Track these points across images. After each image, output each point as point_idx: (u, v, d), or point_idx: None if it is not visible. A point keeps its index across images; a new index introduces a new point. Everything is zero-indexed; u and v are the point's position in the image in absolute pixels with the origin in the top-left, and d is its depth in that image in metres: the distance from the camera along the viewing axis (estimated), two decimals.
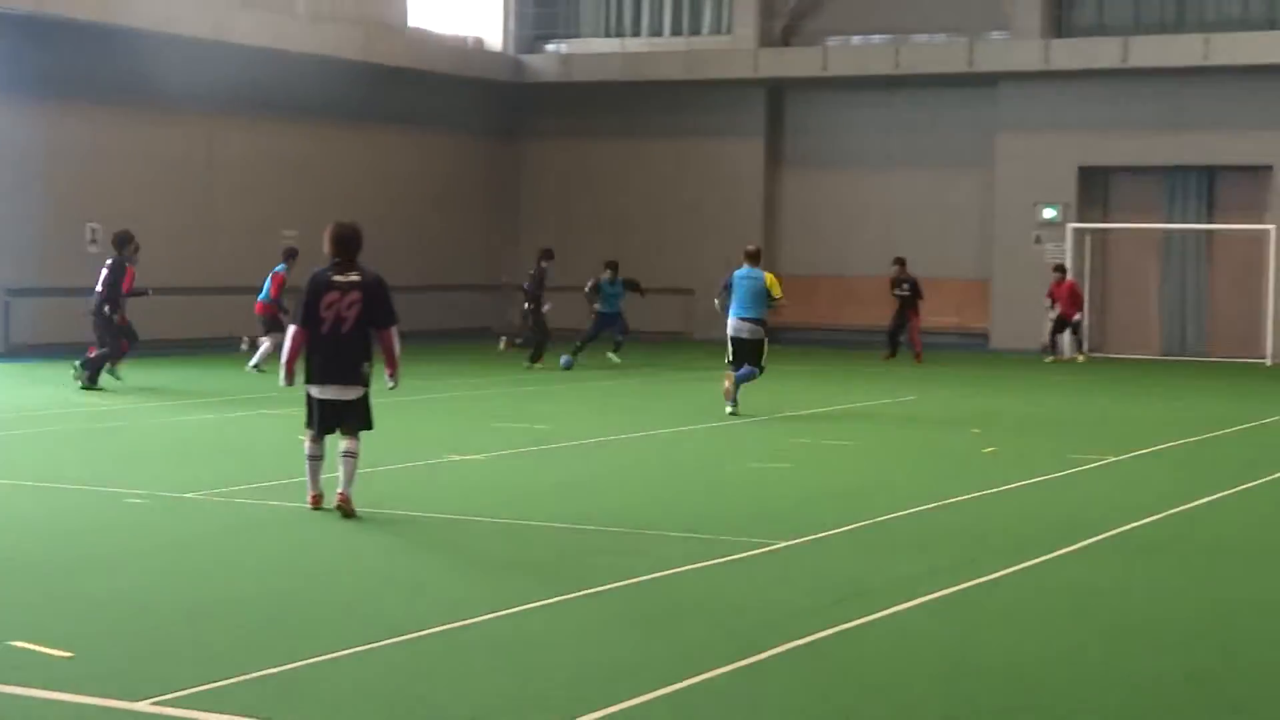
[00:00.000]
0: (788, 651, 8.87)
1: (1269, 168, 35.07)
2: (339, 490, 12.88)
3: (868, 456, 17.83)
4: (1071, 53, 35.50)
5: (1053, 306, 33.49)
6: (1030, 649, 9.09)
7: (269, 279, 27.51)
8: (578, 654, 8.83)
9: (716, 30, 39.86)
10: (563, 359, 29.04)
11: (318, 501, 13.10)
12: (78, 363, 23.95)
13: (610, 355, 30.58)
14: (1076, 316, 33.31)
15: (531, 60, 40.34)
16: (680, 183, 39.77)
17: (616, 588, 10.47)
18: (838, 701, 8.06)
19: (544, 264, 29.74)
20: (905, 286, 33.03)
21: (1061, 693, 8.22)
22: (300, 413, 13.34)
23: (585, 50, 40.27)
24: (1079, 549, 12.05)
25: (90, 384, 23.64)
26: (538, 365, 28.89)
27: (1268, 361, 33.18)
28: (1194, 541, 12.74)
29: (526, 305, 29.75)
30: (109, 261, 24.09)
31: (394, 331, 13.10)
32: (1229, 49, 34.31)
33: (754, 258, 22.59)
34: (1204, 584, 11.08)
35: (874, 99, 38.40)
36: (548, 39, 41.20)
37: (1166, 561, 11.87)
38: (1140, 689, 8.32)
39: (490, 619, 9.52)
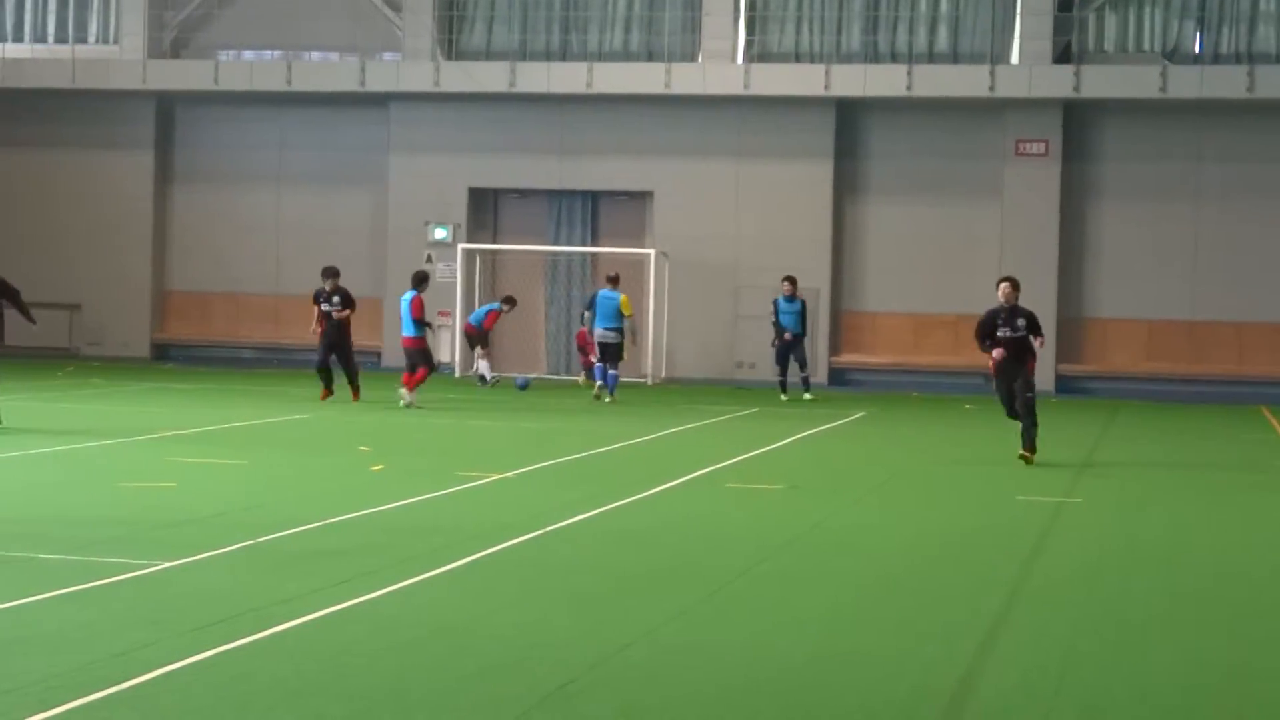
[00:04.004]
0: (160, 677, 8.67)
1: (649, 193, 36.55)
2: None
3: (257, 475, 17.63)
4: (461, 76, 36.14)
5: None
6: (417, 666, 9.17)
7: (406, 307, 26.91)
8: None
9: (103, 40, 38.86)
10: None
11: None
12: None
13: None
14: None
15: None
16: (67, 195, 38.54)
17: None
18: None
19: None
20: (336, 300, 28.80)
21: (448, 711, 8.33)
22: None
23: None
24: (462, 565, 12.23)
25: None
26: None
27: (648, 381, 34.46)
28: (563, 560, 13.12)
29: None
30: None
31: None
32: (611, 78, 35.60)
33: (614, 281, 30.16)
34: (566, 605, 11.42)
35: (266, 115, 38.14)
36: None
37: (539, 579, 12.17)
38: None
39: None
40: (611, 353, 29.54)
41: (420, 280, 27.70)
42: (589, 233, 37.24)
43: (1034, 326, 20.73)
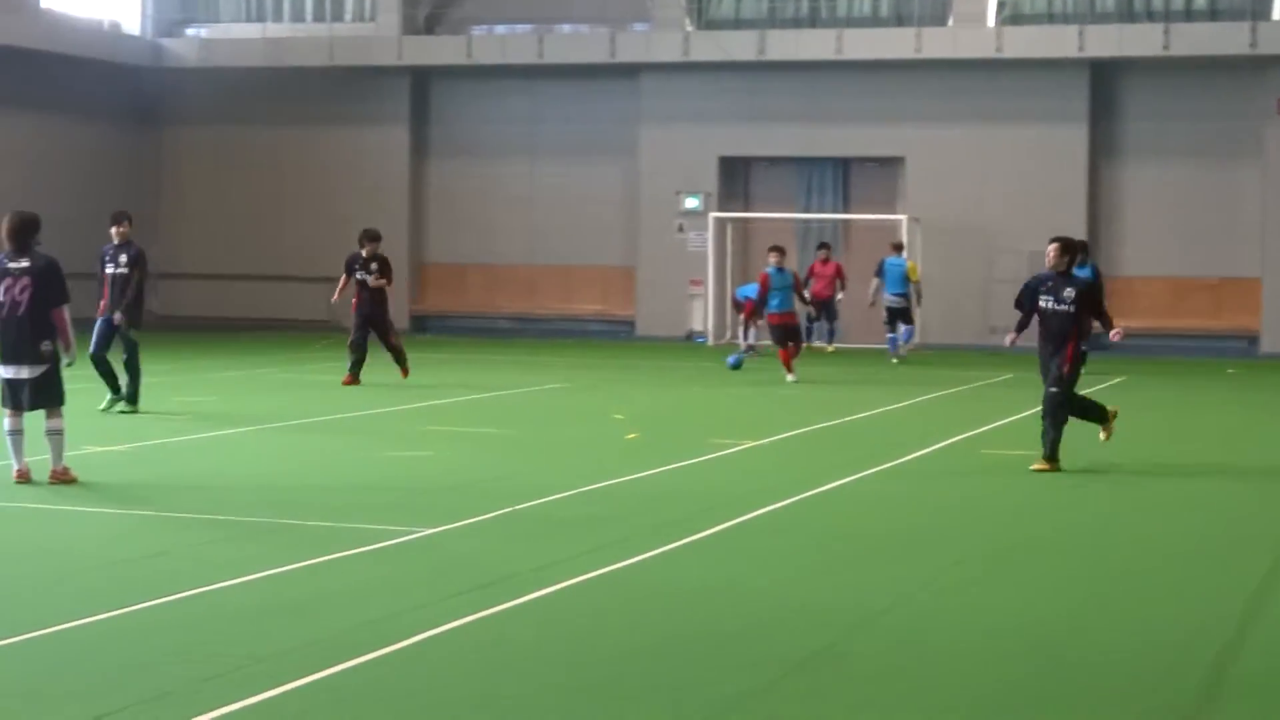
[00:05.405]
0: (429, 639, 8.88)
1: (900, 159, 36.27)
2: (52, 467, 13.98)
3: (513, 443, 17.88)
4: (710, 45, 36.18)
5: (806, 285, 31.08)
6: (675, 629, 9.26)
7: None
8: (211, 648, 8.68)
9: (359, 17, 39.63)
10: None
11: (23, 476, 13.90)
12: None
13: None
14: (840, 296, 32.55)
15: (171, 45, 39.54)
16: (326, 170, 39.40)
17: (256, 579, 10.34)
18: (477, 685, 8.10)
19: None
20: (374, 266, 25.01)
21: (709, 671, 8.41)
22: None
23: (226, 35, 39.65)
24: (717, 532, 12.31)
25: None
26: None
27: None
28: (817, 526, 13.13)
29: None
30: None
31: (64, 311, 13.91)
32: (861, 44, 35.38)
33: (899, 249, 31.82)
34: (828, 570, 11.43)
35: (518, 88, 38.58)
36: (187, 23, 40.43)
37: (794, 544, 12.20)
38: (764, 668, 8.56)
39: (118, 615, 9.35)
40: (900, 316, 31.32)
41: (775, 253, 26.29)
42: (840, 200, 37.09)
43: (1087, 303, 16.23)
